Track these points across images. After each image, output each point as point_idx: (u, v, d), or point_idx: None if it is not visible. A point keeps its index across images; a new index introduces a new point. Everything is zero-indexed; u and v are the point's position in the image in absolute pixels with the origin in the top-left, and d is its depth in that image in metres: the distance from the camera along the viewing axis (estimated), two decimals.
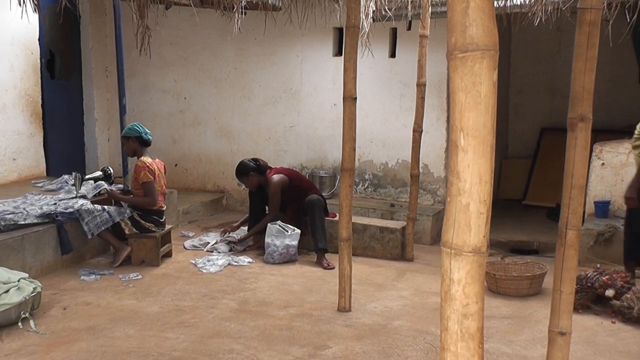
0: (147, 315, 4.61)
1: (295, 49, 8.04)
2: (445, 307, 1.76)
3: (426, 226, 6.98)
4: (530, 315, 4.78)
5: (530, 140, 9.71)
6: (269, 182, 6.32)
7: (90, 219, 5.72)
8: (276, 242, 6.01)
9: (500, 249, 6.86)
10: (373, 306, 4.93)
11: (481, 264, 1.73)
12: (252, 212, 6.55)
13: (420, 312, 4.83)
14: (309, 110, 8.05)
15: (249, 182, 6.40)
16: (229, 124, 8.52)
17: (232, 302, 4.95)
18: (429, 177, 7.47)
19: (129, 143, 5.90)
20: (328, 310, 4.81)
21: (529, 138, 9.74)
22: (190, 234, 7.04)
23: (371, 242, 6.43)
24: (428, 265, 6.11)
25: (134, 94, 8.60)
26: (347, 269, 4.79)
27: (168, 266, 5.89)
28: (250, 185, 6.41)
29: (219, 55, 8.43)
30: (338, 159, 7.62)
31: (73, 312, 4.65)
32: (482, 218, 1.71)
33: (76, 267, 5.71)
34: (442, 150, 7.35)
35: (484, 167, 1.69)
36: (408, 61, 7.24)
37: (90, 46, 8.47)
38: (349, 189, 4.70)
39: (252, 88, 8.34)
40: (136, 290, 5.17)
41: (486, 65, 1.67)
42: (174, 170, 8.63)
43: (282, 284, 5.45)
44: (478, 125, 1.68)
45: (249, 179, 6.37)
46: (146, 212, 5.88)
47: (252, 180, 6.37)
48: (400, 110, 7.54)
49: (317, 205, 6.17)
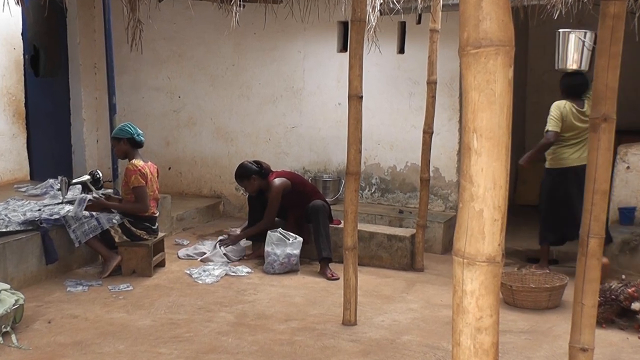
0: (138, 329, 4.62)
1: (297, 45, 8.05)
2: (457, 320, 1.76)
3: (437, 234, 6.98)
4: (550, 330, 4.78)
5: None
6: (270, 185, 6.32)
7: (77, 226, 5.73)
8: (277, 251, 6.01)
9: (517, 258, 6.85)
10: (380, 320, 4.93)
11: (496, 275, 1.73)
12: (251, 219, 6.55)
13: (431, 326, 4.83)
14: (312, 109, 8.06)
15: (249, 186, 6.40)
16: (227, 124, 8.53)
17: (230, 315, 4.95)
18: (440, 181, 7.46)
19: (120, 145, 5.91)
20: (332, 323, 4.81)
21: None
22: (185, 242, 7.04)
23: (378, 251, 6.43)
24: (439, 276, 6.10)
25: (124, 93, 8.62)
26: (353, 280, 4.79)
27: (161, 277, 5.89)
28: (251, 190, 6.42)
29: (216, 51, 8.45)
30: (343, 162, 7.61)
31: (58, 325, 4.66)
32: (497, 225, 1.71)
33: (62, 278, 5.72)
34: (454, 152, 7.35)
35: (498, 171, 1.70)
36: (418, 57, 7.24)
37: (77, 41, 8.49)
38: (354, 194, 4.70)
39: (251, 86, 8.35)
40: (127, 303, 5.18)
41: (501, 62, 1.68)
42: (167, 174, 8.65)
43: (283, 295, 5.46)
44: (492, 125, 1.69)
45: (250, 183, 6.37)
46: (138, 219, 5.88)
47: (253, 184, 6.37)
48: (409, 110, 7.54)
49: (321, 211, 6.17)
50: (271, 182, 6.33)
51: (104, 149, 8.57)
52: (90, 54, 8.64)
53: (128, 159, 5.92)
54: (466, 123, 1.72)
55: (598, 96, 2.94)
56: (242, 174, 6.41)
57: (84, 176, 6.64)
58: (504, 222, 1.73)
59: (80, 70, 8.55)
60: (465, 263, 1.74)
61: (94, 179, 6.53)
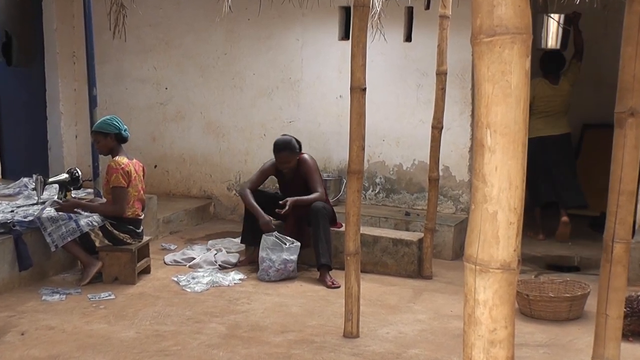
0: (120, 341, 4.62)
1: (295, 32, 8.06)
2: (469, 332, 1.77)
3: (447, 238, 6.98)
4: (570, 344, 4.78)
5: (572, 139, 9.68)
6: (303, 159, 6.39)
7: (53, 229, 5.73)
8: (272, 257, 6.01)
9: (535, 264, 6.86)
10: (385, 332, 4.94)
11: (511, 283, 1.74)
12: (247, 223, 6.52)
13: (440, 338, 4.83)
14: (311, 103, 8.07)
15: (289, 161, 6.36)
16: (218, 118, 8.53)
17: (221, 326, 4.95)
18: (450, 181, 7.47)
19: (106, 140, 5.89)
20: (332, 336, 4.81)
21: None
22: (172, 247, 7.05)
23: (383, 256, 6.43)
24: (449, 284, 6.11)
25: (106, 84, 8.62)
26: (355, 288, 4.80)
27: (146, 284, 5.90)
28: (288, 166, 6.37)
29: (206, 39, 8.45)
30: (344, 159, 7.60)
31: (33, 338, 4.66)
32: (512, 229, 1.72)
33: (37, 285, 5.72)
34: (466, 150, 7.36)
35: (514, 170, 1.70)
36: (426, 46, 7.25)
37: (54, 27, 8.49)
38: (356, 194, 4.70)
39: (245, 77, 8.35)
40: (108, 313, 5.18)
41: (517, 51, 1.68)
42: (153, 173, 8.65)
43: (279, 305, 5.46)
44: (507, 121, 1.69)
45: (293, 158, 6.36)
46: (120, 221, 5.88)
47: (292, 161, 6.37)
48: (416, 104, 7.55)
49: (321, 213, 6.16)
50: (302, 157, 6.40)
51: (84, 145, 8.57)
52: (68, 42, 8.64)
53: (112, 155, 5.91)
54: (479, 118, 1.73)
55: (624, 88, 2.94)
56: (292, 146, 6.34)
57: (62, 175, 6.65)
58: (520, 226, 1.73)
59: (58, 59, 8.55)
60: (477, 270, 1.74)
61: (73, 177, 6.54)
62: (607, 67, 9.15)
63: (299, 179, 6.42)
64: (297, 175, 6.43)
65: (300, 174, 6.40)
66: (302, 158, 6.40)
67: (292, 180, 6.48)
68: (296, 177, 6.44)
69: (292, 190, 6.41)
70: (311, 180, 6.35)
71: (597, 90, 9.36)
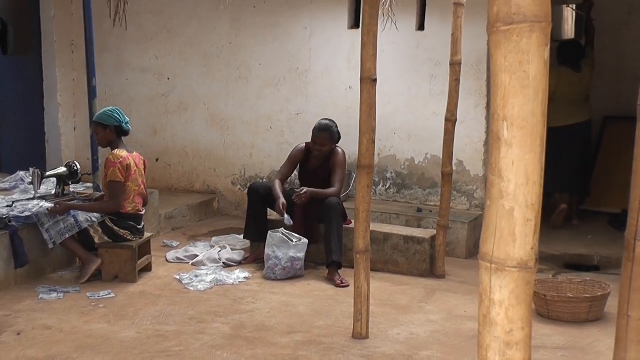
0: (121, 342, 4.64)
1: (303, 20, 8.05)
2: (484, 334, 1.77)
3: (461, 236, 6.98)
4: (590, 346, 4.78)
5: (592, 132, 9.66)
6: (336, 152, 6.50)
7: (51, 225, 5.74)
8: (278, 254, 6.02)
9: (553, 263, 6.85)
10: (396, 333, 4.94)
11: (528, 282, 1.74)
12: (250, 217, 6.53)
13: (454, 340, 4.83)
14: (319, 94, 8.06)
15: (324, 145, 6.46)
16: (222, 110, 8.54)
17: (225, 326, 4.97)
18: (464, 176, 7.46)
19: (106, 133, 5.90)
20: (341, 337, 4.82)
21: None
22: (174, 244, 7.07)
23: (394, 254, 6.44)
24: (463, 284, 6.11)
25: (105, 74, 8.64)
26: (365, 287, 4.80)
27: (147, 283, 5.91)
28: (322, 149, 6.46)
29: (210, 27, 8.46)
30: (354, 153, 7.59)
31: (30, 338, 4.68)
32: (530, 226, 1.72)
33: (34, 284, 5.74)
34: (481, 143, 7.35)
35: (532, 164, 1.70)
36: (440, 35, 7.23)
37: (52, 14, 8.50)
38: (366, 190, 4.70)
39: (250, 67, 8.36)
40: (108, 312, 5.20)
41: (536, 41, 1.68)
42: (154, 167, 8.67)
43: (286, 304, 5.47)
44: (525, 113, 1.69)
45: (329, 143, 6.45)
46: (120, 217, 5.90)
47: (328, 146, 6.47)
48: (429, 95, 7.54)
49: (335, 210, 6.17)
50: (336, 148, 6.52)
51: (83, 137, 8.59)
52: (66, 30, 8.66)
53: (111, 148, 5.92)
54: (495, 110, 1.72)
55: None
56: (333, 131, 6.48)
57: (60, 168, 6.67)
58: (538, 223, 1.73)
59: (55, 48, 8.56)
60: (493, 269, 1.74)
61: (71, 171, 6.56)
62: (630, 56, 9.15)
63: (324, 170, 6.49)
64: (324, 165, 6.51)
65: (328, 165, 6.49)
66: (335, 149, 6.50)
67: (317, 170, 6.53)
68: (322, 167, 6.51)
69: (313, 181, 6.45)
70: (335, 173, 6.44)
71: (619, 80, 9.33)
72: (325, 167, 6.50)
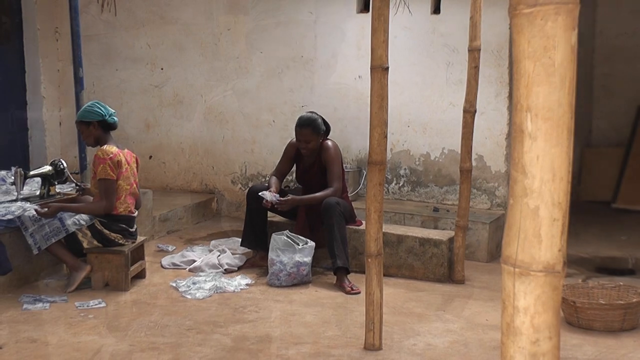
0: (112, 355, 4.65)
1: (308, 4, 8.06)
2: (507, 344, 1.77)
3: (481, 237, 6.98)
4: (624, 358, 4.77)
5: (623, 122, 9.66)
6: (325, 145, 6.39)
7: (36, 229, 5.76)
8: (283, 259, 6.03)
9: (583, 267, 6.85)
10: (411, 343, 4.94)
11: (555, 287, 1.74)
12: (248, 222, 6.54)
13: (475, 351, 4.83)
14: (326, 84, 8.07)
15: (309, 142, 6.38)
16: (220, 103, 8.56)
17: (226, 337, 4.98)
18: (484, 172, 7.46)
19: (89, 130, 5.90)
20: (352, 348, 4.83)
21: (620, 120, 9.69)
22: (170, 248, 7.09)
23: (408, 258, 6.44)
24: (484, 289, 6.11)
25: (93, 64, 8.67)
26: (377, 294, 4.80)
27: (140, 290, 5.93)
28: (310, 148, 6.39)
29: (206, 13, 8.47)
30: (365, 148, 7.63)
31: (13, 351, 4.69)
32: (557, 226, 1.72)
33: (17, 293, 5.76)
34: (503, 137, 7.35)
35: (558, 159, 1.70)
36: (457, 19, 7.23)
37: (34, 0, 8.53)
38: (378, 188, 4.71)
39: (251, 56, 8.37)
40: (98, 323, 5.21)
41: (562, 24, 1.68)
42: (148, 164, 8.69)
43: (291, 313, 5.48)
44: (551, 103, 1.69)
45: (314, 139, 6.37)
46: (111, 219, 5.90)
47: (313, 142, 6.38)
48: (446, 84, 7.54)
49: (334, 210, 6.15)
50: (325, 142, 6.41)
51: (69, 133, 8.62)
52: (50, 16, 8.68)
53: (99, 144, 5.92)
54: (518, 100, 1.72)
55: None
56: (316, 125, 6.36)
57: (45, 167, 6.67)
58: (566, 223, 1.73)
59: (38, 36, 8.59)
60: (517, 273, 1.74)
61: (57, 170, 6.56)
62: None
63: (318, 167, 6.45)
64: (317, 162, 6.46)
65: (321, 161, 6.42)
66: (325, 144, 6.41)
67: (311, 168, 6.50)
68: (316, 164, 6.46)
69: (310, 179, 6.44)
70: (329, 171, 6.34)
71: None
72: (319, 164, 6.45)
